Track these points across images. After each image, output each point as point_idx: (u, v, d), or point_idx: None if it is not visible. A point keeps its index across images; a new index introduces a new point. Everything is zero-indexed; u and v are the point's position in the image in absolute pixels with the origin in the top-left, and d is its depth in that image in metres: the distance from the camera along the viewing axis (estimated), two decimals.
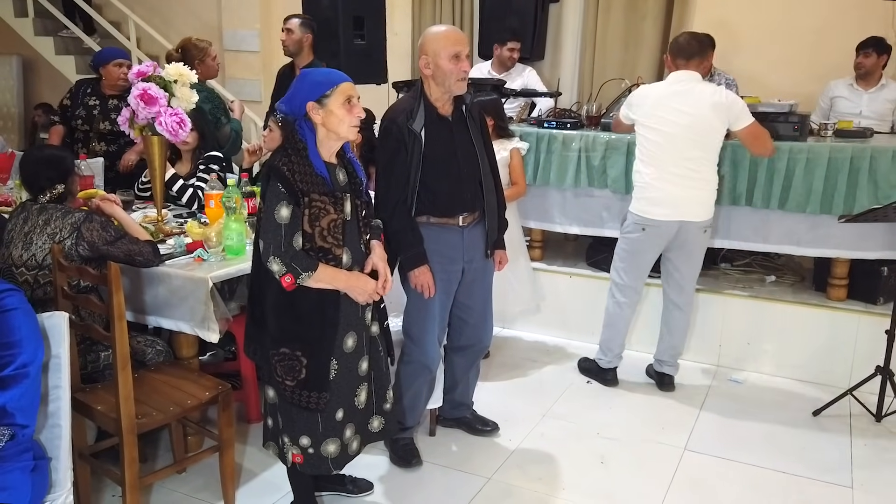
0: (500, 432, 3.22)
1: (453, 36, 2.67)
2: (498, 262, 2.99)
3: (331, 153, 2.32)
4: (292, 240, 2.20)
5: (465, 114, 2.78)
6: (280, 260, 2.18)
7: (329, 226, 2.26)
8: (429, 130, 2.68)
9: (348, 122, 2.26)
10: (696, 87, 3.38)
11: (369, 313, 2.46)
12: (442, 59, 2.62)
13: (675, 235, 3.45)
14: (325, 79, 2.26)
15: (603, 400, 3.60)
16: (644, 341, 3.98)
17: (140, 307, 2.81)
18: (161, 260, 2.75)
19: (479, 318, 2.99)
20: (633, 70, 5.39)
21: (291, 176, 2.18)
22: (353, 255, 2.35)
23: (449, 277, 2.82)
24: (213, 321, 2.65)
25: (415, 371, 2.91)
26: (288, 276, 2.19)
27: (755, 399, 3.63)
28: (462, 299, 2.93)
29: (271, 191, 2.20)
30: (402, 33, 6.47)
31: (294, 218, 2.19)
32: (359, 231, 2.38)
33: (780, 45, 5.15)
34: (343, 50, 4.94)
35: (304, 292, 2.25)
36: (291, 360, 2.29)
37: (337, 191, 2.29)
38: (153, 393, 2.50)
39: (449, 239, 2.79)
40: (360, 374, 2.44)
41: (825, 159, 3.59)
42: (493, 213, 2.87)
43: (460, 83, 2.66)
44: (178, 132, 3.08)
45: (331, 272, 2.27)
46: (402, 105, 2.75)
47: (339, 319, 2.33)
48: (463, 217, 2.79)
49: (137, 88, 3.03)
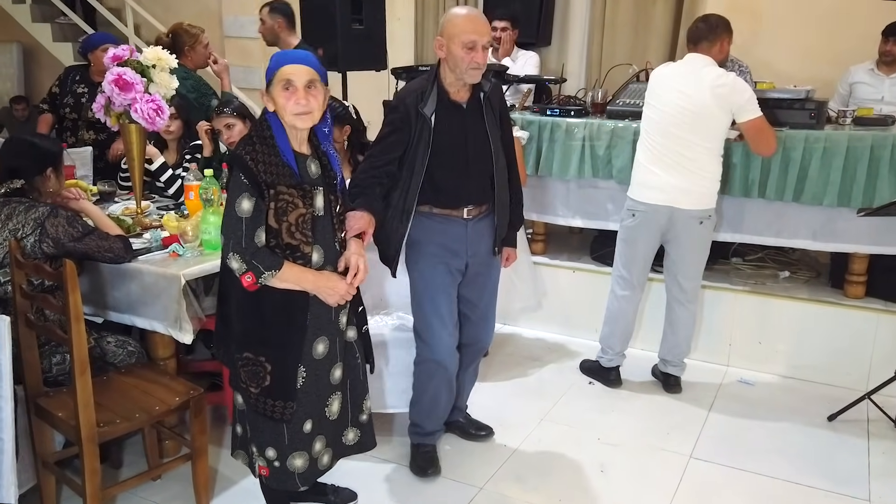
0: (494, 437, 3.05)
1: (472, 24, 2.47)
2: (505, 258, 2.85)
3: (300, 142, 2.15)
4: (254, 235, 2.03)
5: (483, 102, 2.59)
6: (240, 257, 2.02)
7: (297, 221, 2.09)
8: (440, 116, 2.52)
9: (290, 110, 2.06)
10: (703, 70, 3.19)
11: (344, 317, 2.30)
12: (455, 45, 2.45)
13: (668, 224, 3.29)
14: (273, 63, 2.10)
15: (605, 402, 3.42)
16: (649, 339, 3.78)
17: (113, 305, 2.67)
18: (134, 256, 2.59)
19: (480, 316, 2.84)
20: (642, 56, 5.18)
21: (255, 166, 2.02)
22: (325, 253, 2.18)
23: (451, 271, 2.68)
24: (186, 321, 2.49)
25: (428, 371, 2.74)
26: (248, 275, 2.02)
27: (766, 402, 3.44)
28: (465, 294, 2.78)
29: (233, 182, 2.05)
30: (404, 18, 6.28)
31: (257, 211, 2.03)
32: (333, 228, 2.21)
33: (795, 30, 4.93)
34: (340, 35, 4.76)
35: (269, 293, 2.09)
36: (255, 365, 2.14)
37: (307, 183, 2.12)
38: (120, 398, 2.35)
39: (451, 231, 2.64)
40: (333, 382, 2.27)
41: (843, 148, 3.38)
42: (503, 209, 2.69)
43: (473, 72, 2.48)
44: (155, 120, 2.91)
45: (297, 271, 2.11)
46: (415, 86, 2.58)
47: (307, 323, 2.16)
48: (468, 210, 2.64)
49: (112, 73, 2.88)
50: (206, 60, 4.36)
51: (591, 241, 4.30)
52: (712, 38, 3.24)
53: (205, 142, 3.57)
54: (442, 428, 2.93)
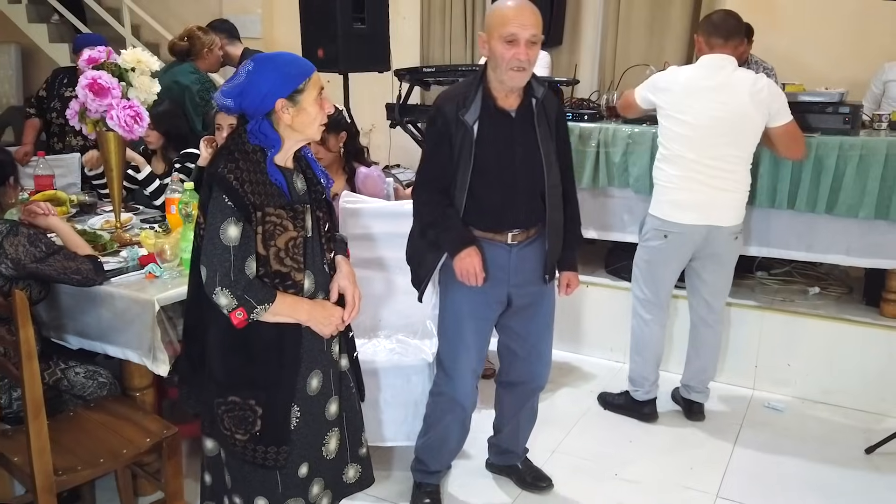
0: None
1: (513, 12, 2.14)
2: (565, 285, 2.50)
3: (287, 157, 1.91)
4: (244, 266, 1.79)
5: (535, 109, 2.27)
6: (230, 292, 1.77)
7: (287, 245, 1.85)
8: (483, 125, 2.22)
9: (320, 120, 1.87)
10: (734, 74, 2.92)
11: (337, 346, 2.06)
12: (494, 39, 2.15)
13: (702, 243, 3.01)
14: (297, 69, 1.83)
15: (623, 432, 3.17)
16: (670, 360, 3.53)
17: (83, 331, 2.44)
18: (105, 277, 2.36)
19: (531, 352, 2.51)
20: (658, 56, 4.92)
21: (240, 186, 1.77)
22: (315, 277, 1.95)
23: (487, 300, 2.38)
24: (160, 350, 2.26)
25: (444, 406, 2.49)
26: (239, 311, 1.78)
27: (797, 431, 3.18)
28: (511, 326, 2.48)
29: (215, 205, 1.78)
30: (410, 16, 6.04)
31: (245, 238, 1.78)
32: (321, 249, 1.98)
33: (821, 28, 4.65)
34: (341, 34, 4.54)
35: (258, 328, 1.84)
36: (243, 409, 1.88)
37: (296, 202, 1.88)
38: (85, 438, 2.12)
39: (492, 256, 2.32)
40: (329, 418, 2.04)
41: (882, 156, 3.10)
42: (556, 232, 2.37)
43: (514, 73, 2.15)
44: (132, 128, 2.68)
45: (291, 302, 1.87)
46: (456, 91, 2.29)
47: (300, 358, 1.93)
48: (513, 234, 2.34)
49: (86, 77, 2.65)
50: (217, 64, 4.27)
51: (605, 254, 4.05)
52: (741, 35, 2.98)
53: (203, 154, 3.31)
54: (449, 466, 2.68)
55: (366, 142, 6.54)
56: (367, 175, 3.10)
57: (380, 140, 6.09)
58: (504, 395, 2.64)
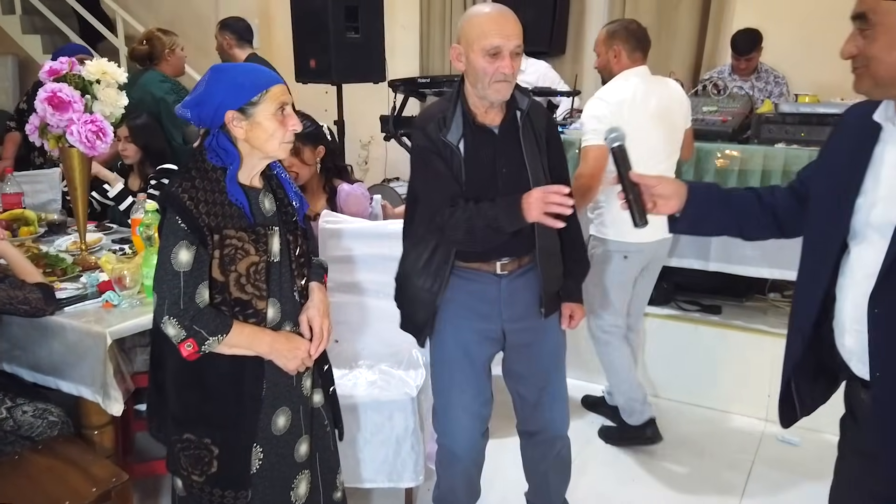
0: None
1: (495, 22, 1.93)
2: (568, 315, 2.24)
3: (252, 174, 1.75)
4: (195, 293, 1.64)
5: (520, 123, 2.05)
6: (178, 322, 1.62)
7: (248, 271, 1.69)
8: (467, 144, 2.01)
9: (280, 137, 1.70)
10: (667, 84, 2.93)
11: (308, 380, 1.89)
12: (475, 52, 1.93)
13: (651, 257, 2.99)
14: (251, 79, 1.68)
15: (626, 469, 2.95)
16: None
17: (37, 365, 2.25)
18: (57, 307, 2.18)
19: (541, 396, 2.24)
20: (665, 65, 4.72)
21: (195, 206, 1.62)
22: (282, 306, 1.78)
23: (478, 339, 2.15)
24: (113, 387, 2.08)
25: (443, 457, 2.27)
26: (188, 343, 1.63)
27: (814, 468, 2.93)
28: (512, 368, 2.24)
29: (168, 227, 1.65)
30: (409, 25, 5.87)
31: (198, 263, 1.64)
32: (291, 275, 1.81)
33: (836, 38, 4.42)
34: (333, 44, 4.36)
35: (214, 360, 1.69)
36: (199, 448, 1.73)
37: (260, 225, 1.72)
38: (27, 485, 1.93)
39: (480, 289, 2.10)
40: (299, 459, 1.86)
41: None
42: (550, 259, 2.13)
43: (499, 86, 1.94)
44: (95, 144, 2.50)
45: (249, 333, 1.71)
46: (433, 110, 2.07)
47: (262, 394, 1.76)
48: (502, 263, 2.10)
49: (45, 91, 2.48)
50: (183, 66, 4.04)
51: None
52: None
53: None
54: None
55: (364, 154, 6.38)
56: (350, 193, 2.91)
57: (378, 153, 5.92)
58: (526, 445, 2.38)
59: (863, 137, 1.42)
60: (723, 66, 4.49)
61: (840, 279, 1.45)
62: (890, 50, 1.28)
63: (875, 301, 1.34)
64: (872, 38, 1.30)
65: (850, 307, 1.42)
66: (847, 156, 1.44)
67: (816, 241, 1.52)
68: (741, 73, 4.33)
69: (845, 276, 1.44)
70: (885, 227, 1.34)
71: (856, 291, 1.40)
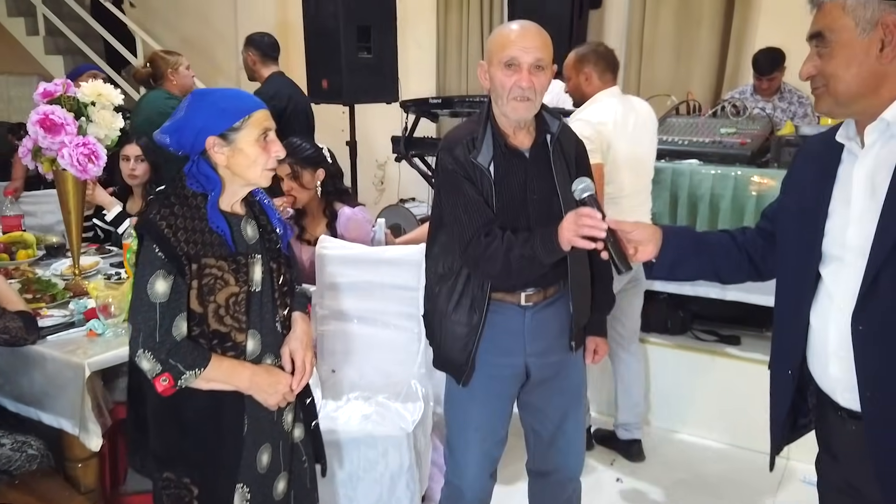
0: None
1: (515, 34, 1.84)
2: (592, 350, 2.15)
3: (234, 201, 1.69)
4: (172, 326, 1.57)
5: (551, 147, 1.93)
6: (153, 356, 1.55)
7: (228, 302, 1.63)
8: (498, 167, 1.90)
9: (262, 164, 1.64)
10: (633, 101, 2.91)
11: (290, 414, 1.80)
12: (494, 65, 1.85)
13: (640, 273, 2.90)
14: (233, 105, 1.63)
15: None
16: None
17: (19, 395, 2.19)
18: (38, 336, 2.11)
19: (557, 433, 2.12)
20: (685, 83, 4.60)
21: (173, 234, 1.56)
22: (263, 338, 1.70)
23: (501, 374, 2.02)
24: (92, 421, 2.01)
25: (451, 495, 2.15)
26: (164, 377, 1.56)
27: None
28: (531, 401, 2.12)
29: (144, 256, 1.59)
30: (426, 45, 5.81)
31: (176, 294, 1.57)
32: (273, 304, 1.73)
33: None
34: (345, 64, 4.32)
35: (192, 395, 1.62)
36: (178, 488, 1.66)
37: (241, 254, 1.65)
38: None
39: (503, 322, 1.97)
40: (276, 497, 1.79)
41: None
42: (581, 290, 2.01)
43: (517, 104, 1.83)
44: (87, 167, 2.45)
45: (228, 367, 1.64)
46: (462, 132, 1.96)
47: (244, 431, 1.68)
48: (527, 294, 1.97)
49: (37, 113, 2.44)
50: (191, 83, 4.02)
51: None
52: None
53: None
54: None
55: (380, 175, 6.31)
56: (351, 217, 2.83)
57: (394, 173, 5.85)
58: (535, 486, 2.25)
59: (825, 162, 1.41)
60: (745, 86, 4.35)
61: (816, 308, 1.42)
62: (848, 66, 1.28)
63: (858, 319, 1.31)
64: (830, 56, 1.30)
65: (833, 333, 1.38)
66: (810, 183, 1.43)
67: (791, 272, 1.48)
68: (763, 93, 4.20)
69: (822, 304, 1.41)
70: (862, 246, 1.31)
71: (838, 316, 1.36)
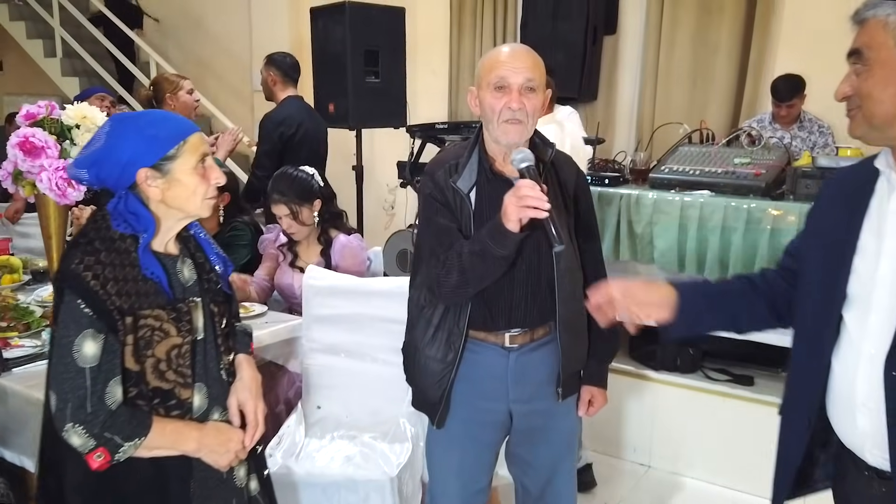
0: None
1: (503, 55, 1.75)
2: (587, 401, 1.99)
3: (167, 239, 1.52)
4: (104, 393, 1.37)
5: (542, 175, 1.78)
6: (85, 429, 1.36)
7: (169, 355, 1.45)
8: (481, 194, 1.81)
9: (202, 193, 1.48)
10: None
11: (242, 469, 1.64)
12: (483, 88, 1.77)
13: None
14: (164, 130, 1.45)
15: None
16: None
17: None
18: (5, 368, 2.02)
19: (546, 489, 2.00)
20: (701, 111, 4.47)
21: (101, 287, 1.37)
22: (209, 390, 1.54)
23: (482, 419, 1.91)
24: None
25: None
26: (99, 453, 1.37)
27: None
28: (519, 452, 2.01)
29: (67, 314, 1.37)
30: (439, 71, 5.74)
31: (108, 355, 1.38)
32: (217, 351, 1.57)
33: None
34: (352, 88, 4.25)
35: (131, 465, 1.43)
36: None
37: (180, 300, 1.49)
38: None
39: (485, 363, 1.86)
40: None
41: None
42: (572, 333, 1.88)
43: (508, 126, 1.73)
44: (66, 192, 2.37)
45: (172, 431, 1.46)
46: (447, 155, 1.89)
47: (190, 496, 1.52)
48: (511, 335, 1.85)
49: (17, 136, 2.36)
50: (192, 107, 3.97)
51: (629, 337, 3.54)
52: None
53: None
54: None
55: (391, 199, 6.23)
56: (345, 245, 2.73)
57: (404, 198, 5.76)
58: None
59: (856, 192, 1.32)
60: (763, 114, 4.20)
61: (838, 352, 1.29)
62: (885, 86, 1.21)
63: (892, 364, 1.20)
64: (868, 75, 1.23)
65: (861, 382, 1.26)
66: (839, 214, 1.34)
67: (812, 311, 1.36)
68: (782, 121, 4.05)
69: (844, 349, 1.28)
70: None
71: (867, 364, 1.25)
